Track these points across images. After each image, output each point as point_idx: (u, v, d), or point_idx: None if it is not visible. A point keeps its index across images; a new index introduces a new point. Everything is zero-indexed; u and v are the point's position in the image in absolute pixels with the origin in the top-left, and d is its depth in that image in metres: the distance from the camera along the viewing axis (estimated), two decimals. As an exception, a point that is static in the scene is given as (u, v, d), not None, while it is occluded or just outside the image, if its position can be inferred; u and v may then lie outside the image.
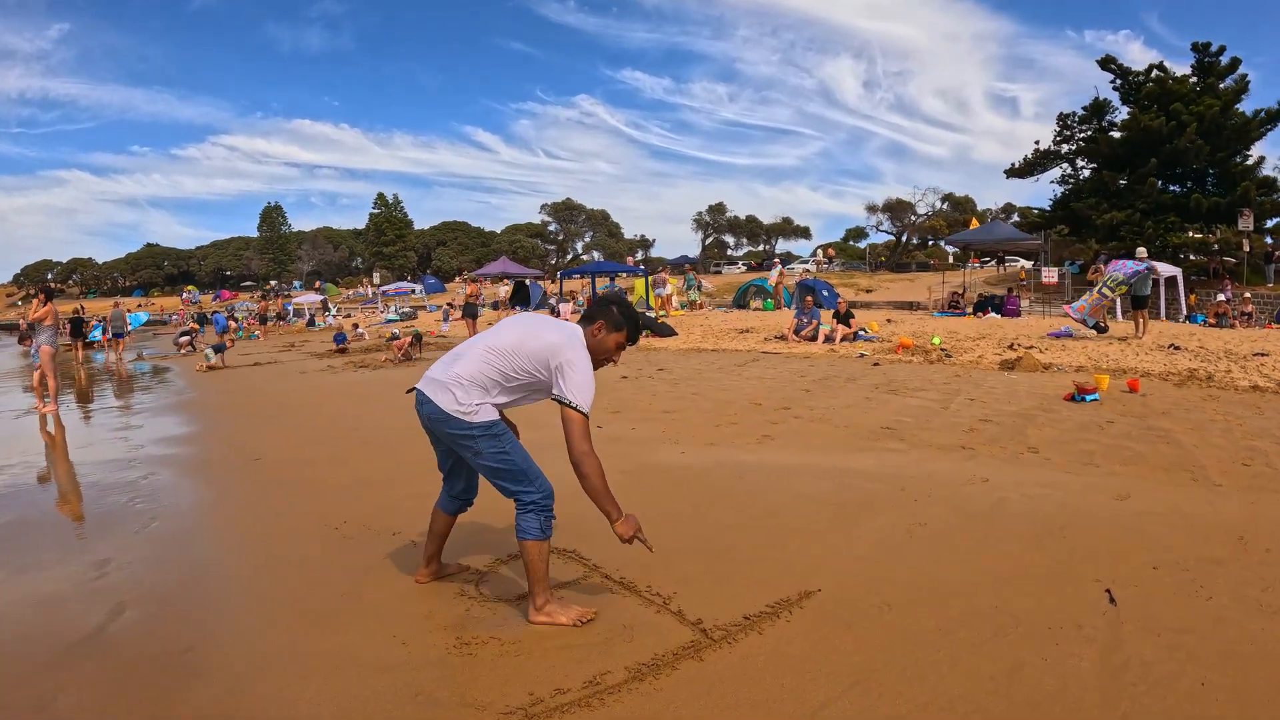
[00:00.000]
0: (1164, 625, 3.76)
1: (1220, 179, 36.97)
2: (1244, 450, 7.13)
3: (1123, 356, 13.88)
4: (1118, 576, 4.35)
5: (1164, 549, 4.77)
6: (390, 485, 6.76)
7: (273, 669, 3.56)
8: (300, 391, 13.66)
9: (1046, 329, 19.32)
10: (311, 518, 5.87)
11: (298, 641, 3.84)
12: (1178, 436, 7.72)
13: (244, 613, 4.28)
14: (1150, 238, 34.59)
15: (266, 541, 5.46)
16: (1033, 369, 12.80)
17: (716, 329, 22.59)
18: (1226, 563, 4.53)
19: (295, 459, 8.00)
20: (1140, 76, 39.04)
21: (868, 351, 16.31)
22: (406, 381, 5.20)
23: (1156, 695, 3.17)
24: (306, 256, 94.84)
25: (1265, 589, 4.14)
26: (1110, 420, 8.58)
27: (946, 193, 79.89)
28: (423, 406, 3.90)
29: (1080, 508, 5.63)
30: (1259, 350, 14.13)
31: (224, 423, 10.88)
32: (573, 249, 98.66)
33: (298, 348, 24.14)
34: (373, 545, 5.22)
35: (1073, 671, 3.34)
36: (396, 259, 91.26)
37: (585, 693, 3.24)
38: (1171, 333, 18.20)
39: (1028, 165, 43.64)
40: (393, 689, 3.34)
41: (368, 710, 3.20)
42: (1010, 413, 9.20)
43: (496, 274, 48.10)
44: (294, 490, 6.78)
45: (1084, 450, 7.34)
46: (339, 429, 9.64)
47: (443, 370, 3.90)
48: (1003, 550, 4.86)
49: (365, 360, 18.58)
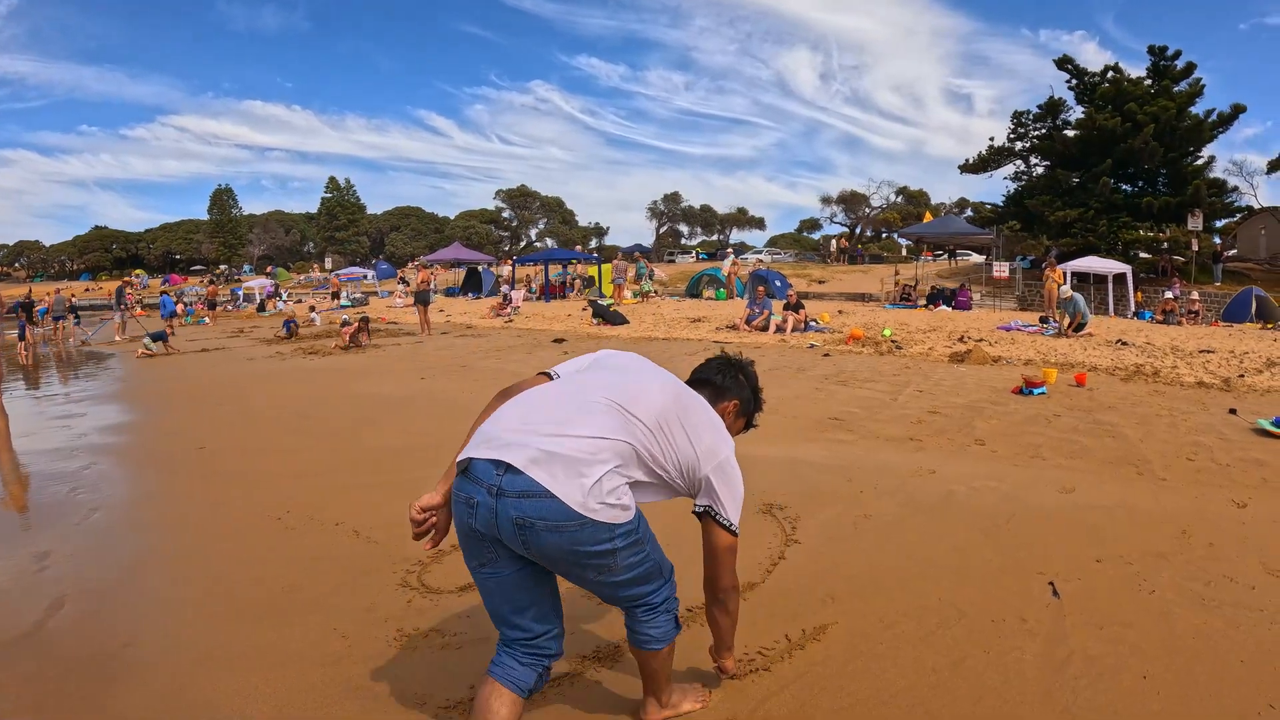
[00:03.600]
0: (1107, 618, 3.79)
1: (1172, 179, 37.68)
2: (1188, 445, 7.25)
3: (1071, 351, 14.09)
4: (1062, 569, 4.38)
5: (1108, 542, 4.82)
6: (334, 474, 6.66)
7: (212, 665, 3.50)
8: (247, 379, 13.40)
9: (997, 322, 19.57)
10: (254, 508, 5.77)
11: (238, 636, 3.77)
12: (1123, 431, 7.83)
13: (184, 607, 4.17)
14: (1101, 235, 35.21)
15: (208, 533, 5.33)
16: (982, 362, 12.95)
17: (669, 318, 22.62)
18: (1170, 556, 4.58)
19: (239, 448, 7.86)
20: (1096, 77, 39.68)
21: (818, 342, 16.40)
22: (356, 368, 5.10)
23: (1099, 689, 3.19)
24: (257, 240, 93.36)
25: (1208, 583, 4.20)
26: (1057, 414, 8.69)
27: (901, 186, 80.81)
28: (516, 504, 2.39)
29: (1026, 500, 5.68)
30: (1205, 347, 14.42)
31: (168, 411, 10.64)
32: (526, 236, 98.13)
33: (247, 334, 23.72)
34: (315, 536, 5.14)
35: (1016, 665, 3.35)
36: (349, 244, 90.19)
37: None
38: (1119, 329, 18.53)
39: (982, 161, 44.28)
40: (333, 683, 3.31)
41: (307, 705, 3.16)
42: (958, 405, 9.28)
43: (449, 260, 47.81)
44: (237, 480, 6.64)
45: (1030, 443, 7.42)
46: (285, 417, 9.47)
47: (547, 429, 2.49)
48: (949, 542, 4.88)
49: (315, 347, 18.30)
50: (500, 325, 23.26)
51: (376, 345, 18.13)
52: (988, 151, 43.81)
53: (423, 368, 13.73)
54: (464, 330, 21.99)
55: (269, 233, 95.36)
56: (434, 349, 17.12)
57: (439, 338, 19.91)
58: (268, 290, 41.17)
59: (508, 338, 19.12)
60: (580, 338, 18.78)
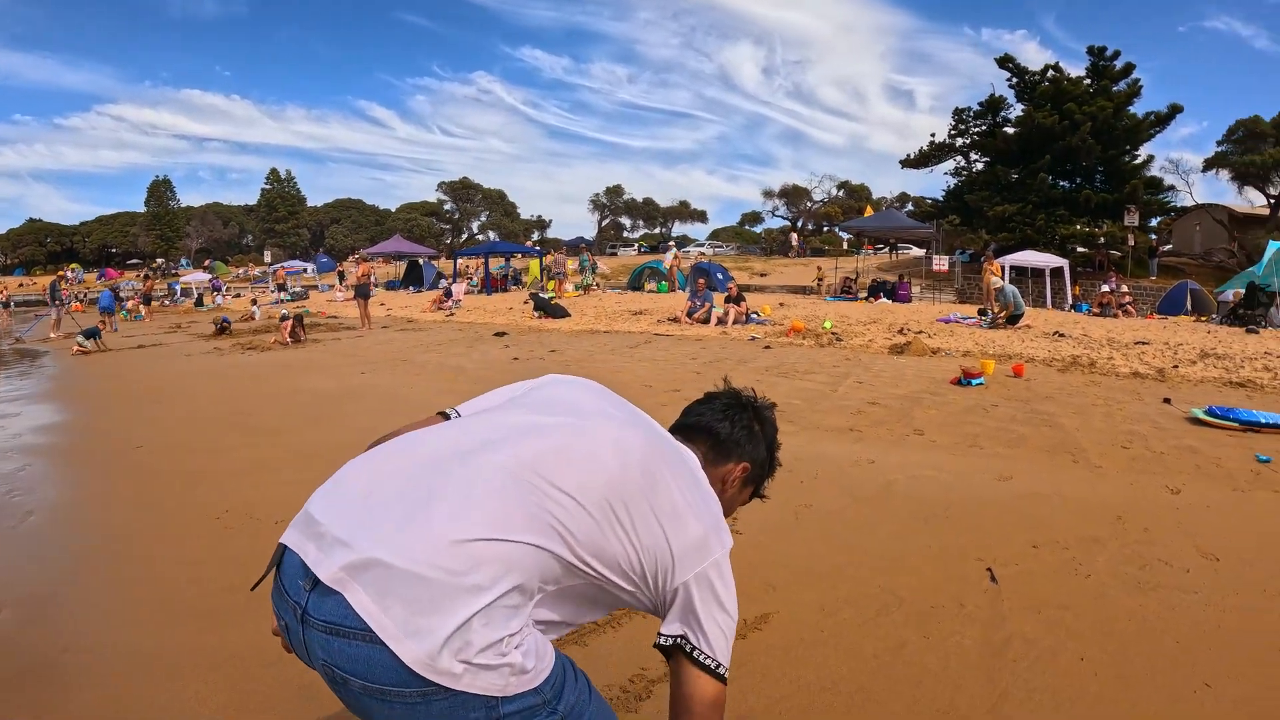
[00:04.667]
0: (1044, 602, 3.85)
1: (1109, 176, 38.77)
2: (1124, 434, 7.42)
3: (1009, 343, 14.36)
4: (1000, 556, 4.45)
5: (1045, 529, 4.91)
6: (274, 471, 6.57)
7: (154, 669, 3.42)
8: (185, 375, 13.08)
9: (936, 315, 19.87)
10: (193, 508, 5.65)
11: (180, 639, 3.69)
12: (1060, 420, 7.98)
13: (124, 610, 4.07)
14: (1039, 230, 36.01)
15: (146, 535, 5.19)
16: (921, 353, 13.15)
17: (610, 311, 22.60)
18: (1106, 541, 4.68)
19: (177, 447, 7.66)
20: (1036, 76, 40.64)
21: (760, 335, 16.51)
22: (295, 363, 5.00)
23: (1037, 671, 3.24)
24: (195, 233, 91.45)
25: (1143, 566, 4.29)
26: (995, 404, 8.84)
27: (842, 180, 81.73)
28: (324, 645, 1.51)
29: (964, 489, 5.77)
30: (1140, 339, 14.77)
31: (105, 410, 10.33)
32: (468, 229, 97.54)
33: (184, 329, 23.21)
34: (255, 535, 5.04)
35: (955, 649, 3.39)
36: (288, 237, 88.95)
37: None
38: (1057, 320, 18.91)
39: (923, 156, 45.12)
40: (277, 684, 3.24)
41: (253, 707, 3.11)
42: (898, 396, 9.40)
43: (390, 253, 47.38)
44: (175, 480, 6.48)
45: (969, 433, 7.54)
46: (224, 414, 9.25)
47: (391, 516, 1.55)
48: (888, 531, 4.93)
49: (254, 342, 17.96)
50: (441, 319, 23.08)
51: (316, 340, 17.88)
52: (929, 147, 44.67)
53: (363, 362, 13.56)
54: (405, 324, 21.79)
55: (207, 225, 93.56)
56: (374, 343, 16.92)
57: (379, 332, 19.69)
58: (215, 284, 40.40)
59: (449, 331, 18.96)
60: (522, 331, 18.70)
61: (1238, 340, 14.84)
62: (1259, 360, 11.96)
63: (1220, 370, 11.20)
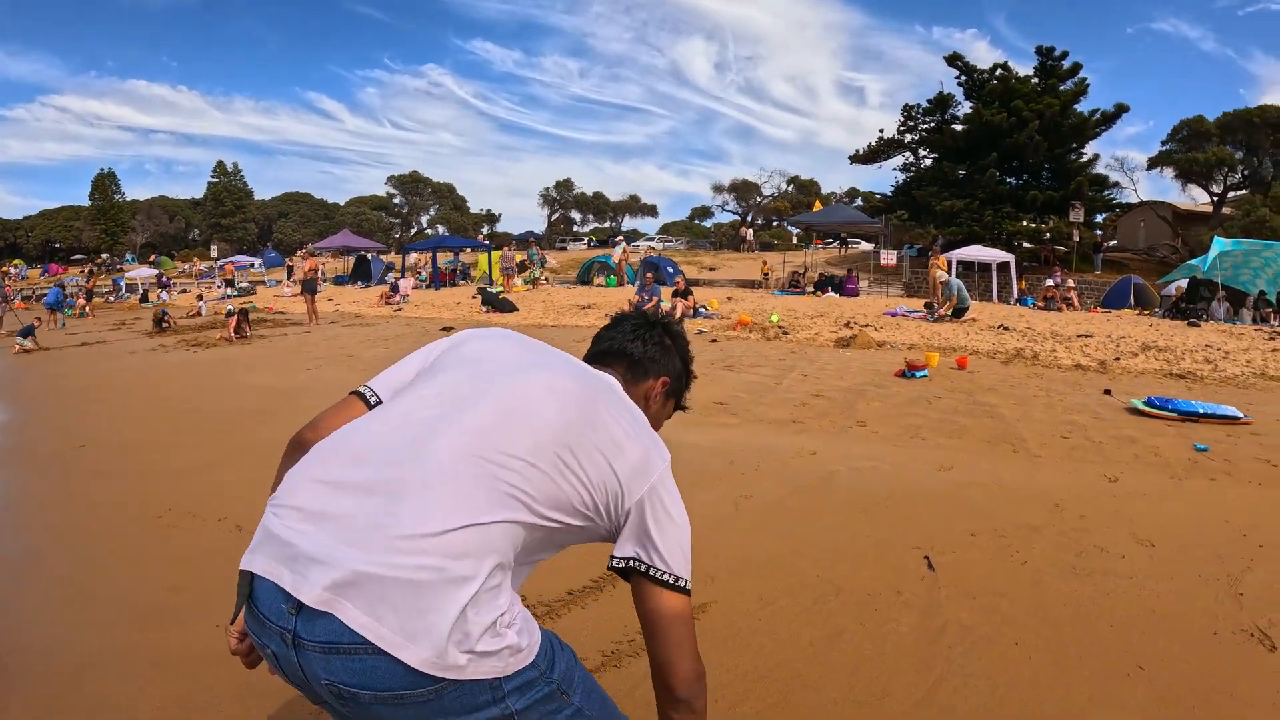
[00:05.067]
0: (981, 589, 3.89)
1: (1055, 173, 39.49)
2: (1064, 424, 7.52)
3: (954, 336, 14.52)
4: (938, 544, 4.48)
5: (983, 517, 4.96)
6: (218, 469, 6.47)
7: (100, 669, 3.36)
8: (129, 372, 12.81)
9: (883, 308, 20.01)
10: (136, 508, 5.54)
11: (124, 639, 3.63)
12: (1002, 411, 8.08)
13: (67, 611, 4.00)
14: (986, 225, 36.55)
15: (89, 535, 5.10)
16: (867, 346, 13.24)
17: (559, 305, 22.53)
18: (1043, 529, 4.74)
19: (121, 444, 7.51)
20: (985, 74, 41.33)
21: (706, 328, 16.54)
22: (241, 360, 4.90)
23: (973, 656, 3.26)
24: (141, 228, 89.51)
25: (1079, 553, 4.35)
26: (938, 395, 8.93)
27: (792, 175, 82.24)
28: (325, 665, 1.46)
29: (904, 479, 5.81)
30: (1083, 332, 14.99)
31: (47, 408, 10.07)
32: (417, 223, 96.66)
33: (129, 326, 22.72)
34: (198, 534, 4.98)
35: (892, 635, 3.41)
36: (236, 231, 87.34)
37: None
38: (1002, 314, 19.15)
39: (872, 152, 45.73)
40: (221, 682, 3.21)
41: (199, 705, 3.08)
42: (842, 388, 9.45)
43: (338, 248, 46.82)
44: (119, 479, 6.35)
45: (911, 424, 7.60)
46: (168, 412, 9.07)
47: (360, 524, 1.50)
48: (828, 521, 4.94)
49: (199, 339, 17.62)
50: (389, 314, 22.86)
51: (263, 336, 17.58)
52: (878, 143, 45.26)
53: (309, 358, 13.38)
54: (352, 319, 21.52)
55: (153, 219, 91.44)
56: (321, 339, 16.69)
57: (327, 327, 19.41)
58: (162, 280, 39.59)
59: (397, 327, 18.77)
60: (469, 325, 18.55)
61: (1179, 333, 15.15)
62: (1199, 352, 12.23)
63: (1161, 362, 11.43)
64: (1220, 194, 44.58)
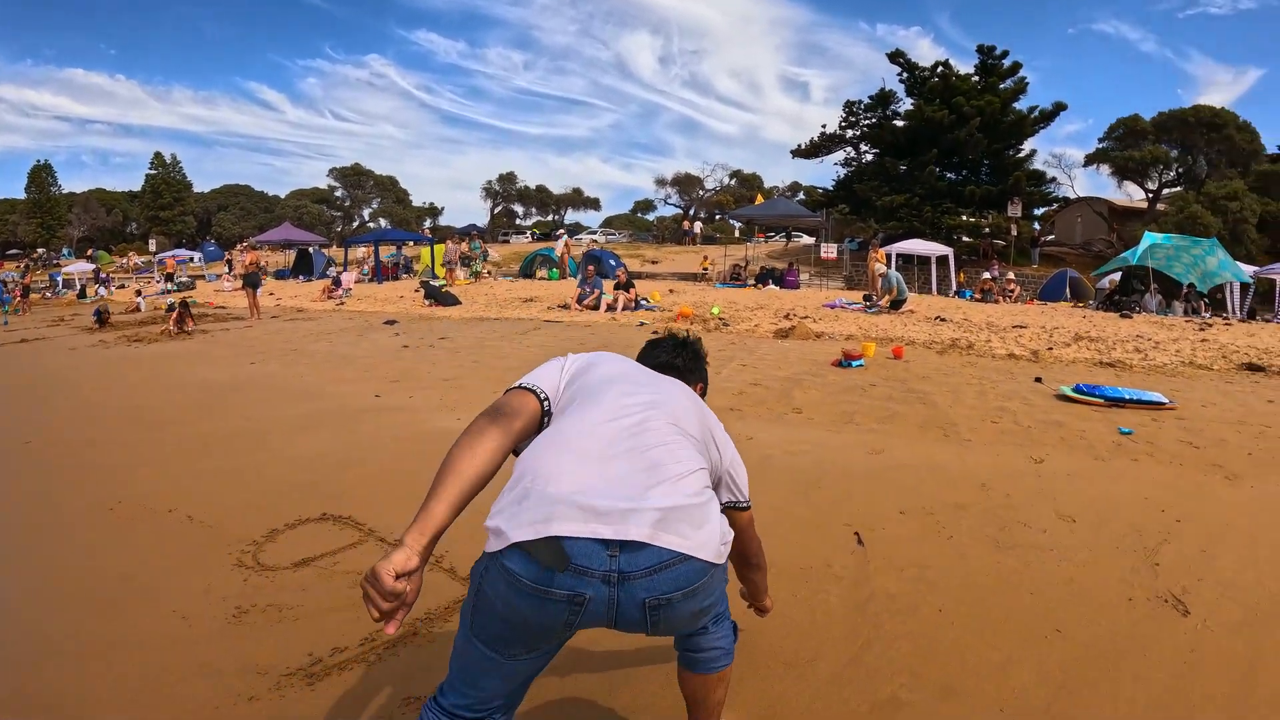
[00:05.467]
0: (908, 562, 4.07)
1: (994, 169, 40.34)
2: (994, 410, 7.77)
3: (891, 327, 14.82)
4: (868, 522, 4.66)
5: (912, 496, 5.15)
6: (165, 463, 6.46)
7: (55, 656, 3.43)
8: (71, 369, 12.58)
9: (823, 300, 20.33)
10: (84, 501, 5.55)
11: (78, 627, 3.69)
12: (934, 398, 8.31)
13: (20, 603, 4.04)
14: (926, 220, 37.19)
15: (37, 529, 5.12)
16: (805, 337, 13.46)
17: (501, 298, 22.55)
18: (969, 507, 4.94)
19: (67, 441, 7.43)
20: (926, 72, 41.95)
21: (648, 320, 16.67)
22: (184, 354, 4.95)
23: (898, 622, 3.44)
24: (78, 221, 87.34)
25: (1002, 528, 4.55)
26: (873, 383, 9.14)
27: (735, 169, 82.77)
28: (646, 584, 1.96)
29: (838, 462, 5.99)
30: (1019, 323, 15.37)
31: None
32: (360, 216, 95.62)
33: (68, 322, 22.28)
34: (147, 525, 5.04)
35: (822, 605, 3.56)
36: (175, 224, 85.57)
37: (363, 650, 3.40)
38: (939, 306, 19.57)
39: (813, 147, 46.25)
40: (177, 665, 3.32)
41: (154, 688, 3.17)
42: (779, 377, 9.62)
43: (279, 241, 46.23)
44: (66, 473, 6.33)
45: (845, 411, 7.79)
46: (113, 407, 8.95)
47: (642, 479, 2.05)
48: (764, 502, 5.04)
49: (140, 334, 17.36)
50: (332, 308, 22.67)
51: (205, 330, 17.34)
52: (820, 138, 45.77)
53: (252, 353, 13.24)
54: (295, 314, 21.29)
55: (90, 213, 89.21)
56: (264, 333, 16.52)
57: (269, 322, 19.19)
58: (100, 275, 38.79)
59: (339, 320, 18.65)
60: (412, 319, 18.49)
61: (1111, 324, 15.64)
62: (1130, 342, 12.65)
63: (1093, 352, 11.80)
64: (1155, 191, 45.77)
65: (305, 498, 5.34)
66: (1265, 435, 6.84)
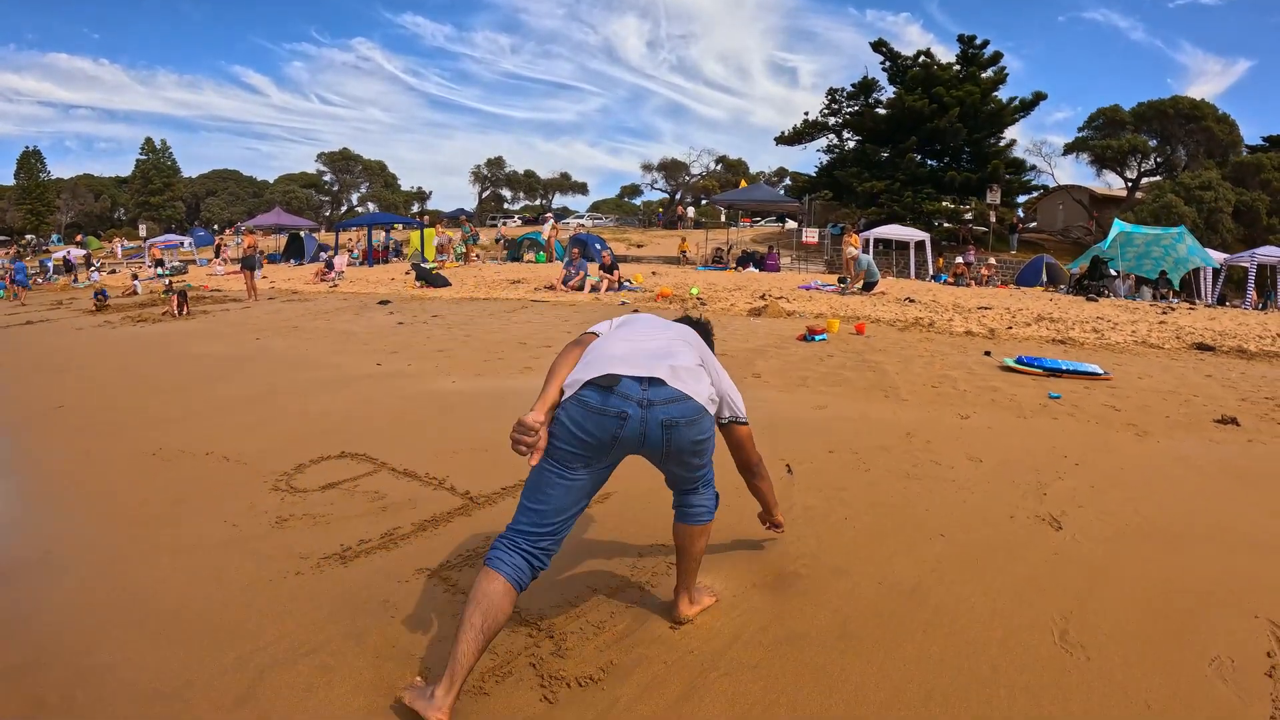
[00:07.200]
0: (828, 485, 4.92)
1: (974, 157, 41.43)
2: (938, 377, 8.61)
3: (861, 307, 15.65)
4: (801, 458, 5.49)
5: (843, 440, 6.00)
6: (194, 419, 7.03)
7: (124, 559, 4.09)
8: (82, 347, 13.00)
9: (799, 283, 21.13)
10: (126, 450, 6.12)
11: (143, 536, 4.38)
12: (885, 367, 9.14)
13: (86, 522, 4.67)
14: (906, 205, 38.12)
15: (86, 474, 5.63)
16: (777, 315, 14.27)
17: (490, 280, 23.17)
18: (891, 449, 5.78)
19: (96, 405, 7.93)
20: (908, 61, 42.88)
21: (629, 300, 17.41)
22: (189, 332, 5.58)
23: (807, 525, 4.29)
24: (66, 207, 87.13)
25: (915, 465, 5.40)
26: (830, 355, 9.97)
27: (721, 155, 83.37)
28: (665, 410, 3.01)
29: (784, 414, 6.84)
30: (984, 304, 16.18)
31: (14, 378, 10.10)
32: (348, 201, 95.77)
33: (67, 305, 22.76)
34: (189, 464, 5.69)
35: (750, 517, 4.32)
36: (164, 209, 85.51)
37: (383, 540, 4.24)
38: (910, 288, 20.41)
39: (796, 134, 47.23)
40: (235, 556, 4.09)
41: (219, 572, 3.89)
42: (745, 349, 10.45)
43: (270, 226, 46.64)
44: (102, 429, 6.85)
45: (800, 376, 8.63)
46: (131, 377, 9.44)
47: (662, 356, 3.15)
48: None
49: (142, 315, 17.85)
50: (325, 290, 23.22)
51: (205, 311, 17.79)
52: (803, 125, 46.78)
53: (255, 330, 13.80)
54: (290, 296, 21.77)
55: (78, 199, 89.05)
56: (263, 313, 17.01)
57: (266, 303, 19.69)
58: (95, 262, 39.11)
59: (334, 301, 19.19)
60: (405, 299, 19.11)
61: (1076, 307, 16.53)
62: (1089, 324, 13.51)
63: (1050, 331, 12.65)
64: (1135, 180, 46.73)
65: (324, 441, 6.07)
66: (1190, 403, 7.61)
